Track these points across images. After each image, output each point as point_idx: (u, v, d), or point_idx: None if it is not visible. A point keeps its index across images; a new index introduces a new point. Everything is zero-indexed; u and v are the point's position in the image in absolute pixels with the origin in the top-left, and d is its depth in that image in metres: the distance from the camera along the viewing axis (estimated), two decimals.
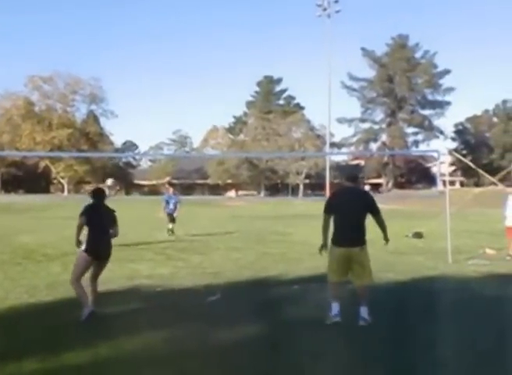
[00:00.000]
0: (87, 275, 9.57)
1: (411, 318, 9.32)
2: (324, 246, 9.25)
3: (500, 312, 9.86)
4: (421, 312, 9.73)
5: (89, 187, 57.93)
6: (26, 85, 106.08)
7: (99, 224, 9.51)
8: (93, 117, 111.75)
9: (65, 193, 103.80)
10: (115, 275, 12.96)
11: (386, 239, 9.59)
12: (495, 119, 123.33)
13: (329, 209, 9.28)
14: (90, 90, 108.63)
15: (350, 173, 10.06)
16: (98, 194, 9.97)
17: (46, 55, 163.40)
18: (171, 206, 24.29)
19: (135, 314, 9.60)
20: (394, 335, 8.30)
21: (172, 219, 24.15)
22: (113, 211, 9.88)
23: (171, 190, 25.79)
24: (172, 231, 23.72)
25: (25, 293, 11.37)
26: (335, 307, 9.03)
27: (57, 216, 37.63)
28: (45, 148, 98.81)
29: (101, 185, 20.65)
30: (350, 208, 9.14)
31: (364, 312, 8.98)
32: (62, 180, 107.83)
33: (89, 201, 9.89)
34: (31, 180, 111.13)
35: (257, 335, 8.37)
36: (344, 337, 8.31)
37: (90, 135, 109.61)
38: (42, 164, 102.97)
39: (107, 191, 20.03)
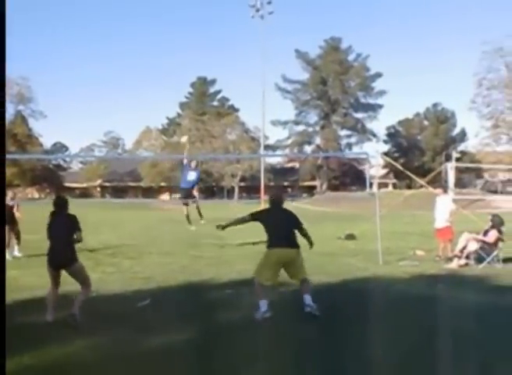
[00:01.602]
0: None
1: (341, 319, 9.42)
2: (224, 227, 11.05)
3: (427, 312, 10.05)
4: (350, 313, 9.85)
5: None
6: None
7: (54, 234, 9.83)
8: (21, 118, 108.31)
9: None
10: (42, 281, 12.71)
11: (311, 243, 10.51)
12: (426, 123, 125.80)
13: (258, 217, 10.32)
14: (17, 89, 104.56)
15: (276, 196, 10.73)
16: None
17: None
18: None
19: (62, 321, 9.33)
20: (325, 336, 8.39)
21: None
22: (73, 216, 10.08)
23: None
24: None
25: None
26: (264, 304, 9.53)
27: None
28: None
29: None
30: (282, 220, 10.15)
31: (308, 299, 9.67)
32: None
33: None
34: None
35: (188, 340, 8.30)
36: (276, 340, 8.36)
37: (18, 136, 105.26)
38: None
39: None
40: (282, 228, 10.01)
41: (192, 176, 21.87)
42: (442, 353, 7.55)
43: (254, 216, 10.32)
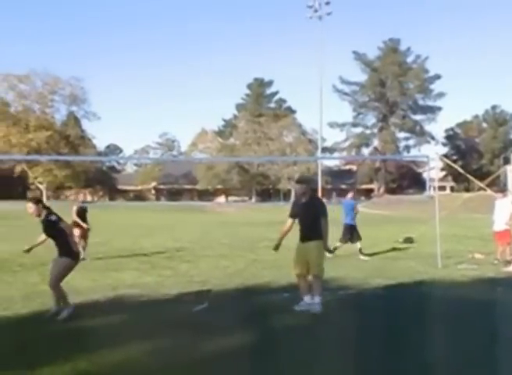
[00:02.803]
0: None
1: (401, 321, 9.45)
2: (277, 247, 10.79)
3: (486, 315, 10.00)
4: (409, 316, 9.87)
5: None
6: (0, 84, 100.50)
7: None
8: (73, 119, 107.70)
9: (44, 199, 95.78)
10: (98, 284, 12.86)
11: None
12: (484, 125, 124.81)
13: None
14: (70, 90, 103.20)
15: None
16: None
17: (21, 52, 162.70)
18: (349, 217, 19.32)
19: (117, 325, 9.46)
20: (385, 338, 8.42)
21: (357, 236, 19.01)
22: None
23: (350, 195, 20.99)
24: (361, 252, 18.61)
25: None
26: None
27: (36, 224, 37.17)
28: (22, 151, 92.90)
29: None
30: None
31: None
32: (40, 186, 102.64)
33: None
34: (6, 185, 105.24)
35: (246, 344, 8.34)
36: (334, 342, 8.35)
37: (71, 138, 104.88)
38: (18, 168, 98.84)
39: None
40: None
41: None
42: (503, 357, 7.52)
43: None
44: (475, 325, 9.32)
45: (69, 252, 9.85)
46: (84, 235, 18.35)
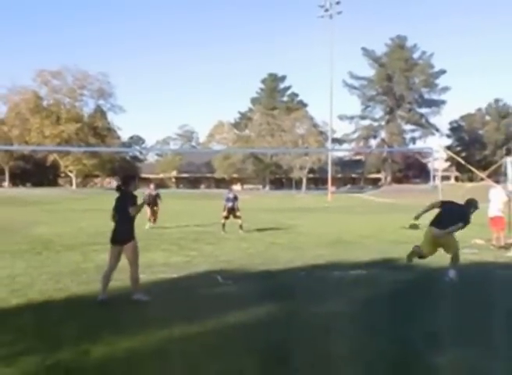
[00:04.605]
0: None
1: (405, 301, 9.95)
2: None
3: (483, 295, 10.52)
4: (414, 296, 10.39)
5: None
6: (35, 79, 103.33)
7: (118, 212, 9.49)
8: (100, 112, 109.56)
9: (74, 186, 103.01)
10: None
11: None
12: (487, 118, 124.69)
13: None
14: (98, 85, 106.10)
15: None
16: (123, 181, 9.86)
17: (54, 48, 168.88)
18: None
19: (152, 301, 9.65)
20: (394, 310, 8.93)
21: None
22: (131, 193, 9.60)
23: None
24: None
25: (50, 279, 11.51)
26: None
27: (69, 209, 37.89)
28: (54, 141, 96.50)
29: None
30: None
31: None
32: (70, 174, 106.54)
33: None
34: (39, 173, 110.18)
35: (271, 315, 8.75)
36: (344, 314, 8.84)
37: (98, 130, 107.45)
38: (51, 158, 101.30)
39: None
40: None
41: None
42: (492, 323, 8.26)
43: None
44: (475, 304, 9.77)
45: None
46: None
